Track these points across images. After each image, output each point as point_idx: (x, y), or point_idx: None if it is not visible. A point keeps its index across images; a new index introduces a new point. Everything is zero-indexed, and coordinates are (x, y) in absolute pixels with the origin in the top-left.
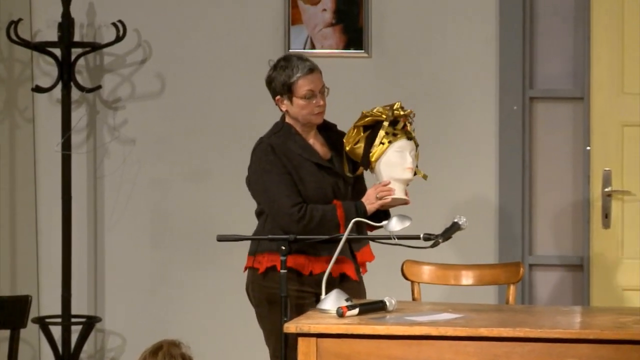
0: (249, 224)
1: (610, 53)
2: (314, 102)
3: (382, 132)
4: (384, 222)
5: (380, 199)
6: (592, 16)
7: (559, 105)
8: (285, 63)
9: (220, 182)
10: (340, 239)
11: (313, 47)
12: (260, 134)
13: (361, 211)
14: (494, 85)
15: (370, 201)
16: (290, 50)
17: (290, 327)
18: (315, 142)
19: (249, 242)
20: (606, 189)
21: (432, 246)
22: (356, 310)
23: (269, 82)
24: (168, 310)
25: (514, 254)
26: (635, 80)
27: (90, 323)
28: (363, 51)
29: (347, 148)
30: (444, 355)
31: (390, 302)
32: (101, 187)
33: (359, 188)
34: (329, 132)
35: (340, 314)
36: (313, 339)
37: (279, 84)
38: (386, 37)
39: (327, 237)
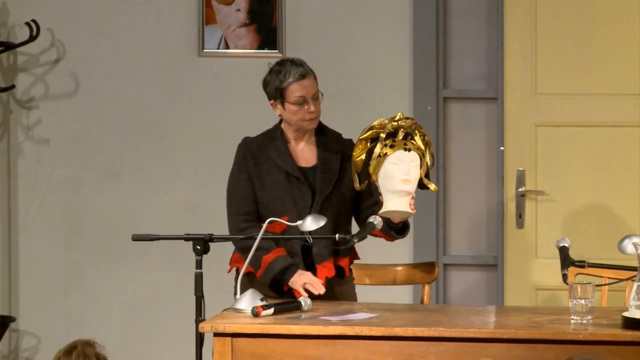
0: (163, 224)
1: (524, 53)
2: (305, 107)
3: (379, 144)
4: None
5: (302, 286)
6: (506, 16)
7: (473, 105)
8: (279, 68)
9: (134, 182)
10: (255, 238)
11: (227, 47)
12: (175, 133)
13: (284, 280)
14: (407, 85)
15: (296, 280)
16: (285, 58)
17: (205, 326)
18: (305, 148)
19: (164, 241)
20: (520, 189)
21: (347, 246)
22: (271, 310)
23: (264, 85)
24: (83, 310)
25: (429, 253)
26: (548, 80)
27: (4, 323)
28: (277, 51)
29: (353, 160)
30: (359, 354)
31: (305, 301)
32: (15, 187)
33: (369, 203)
34: (327, 140)
35: (256, 314)
36: (228, 339)
37: (272, 88)
38: (300, 37)
39: (243, 236)
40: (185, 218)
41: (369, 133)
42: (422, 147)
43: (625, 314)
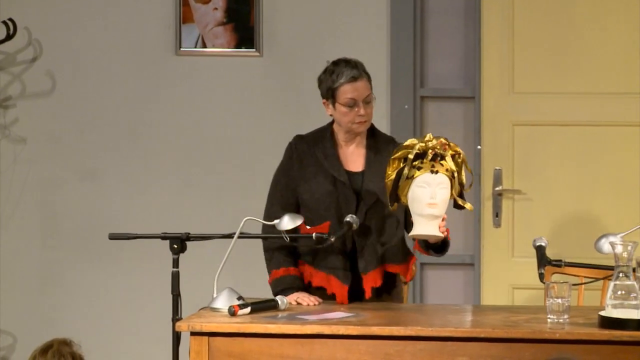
0: (140, 223)
1: (501, 53)
2: (355, 110)
3: (407, 166)
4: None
5: (296, 300)
6: (483, 16)
7: (450, 104)
8: (333, 67)
9: (111, 181)
10: (232, 236)
11: (204, 46)
12: (152, 132)
13: (280, 293)
14: (385, 84)
15: (292, 295)
16: (341, 58)
17: (182, 325)
18: (355, 152)
19: (141, 240)
20: (497, 188)
21: (324, 245)
22: (248, 309)
23: (318, 83)
24: (59, 308)
25: None
26: (525, 79)
27: None
28: (254, 50)
29: (385, 180)
30: (336, 354)
31: (282, 300)
32: None
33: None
34: (378, 145)
35: (232, 313)
36: (205, 338)
37: (325, 87)
38: (277, 36)
39: (219, 236)
40: (162, 217)
41: (400, 153)
42: (453, 167)
43: (602, 313)
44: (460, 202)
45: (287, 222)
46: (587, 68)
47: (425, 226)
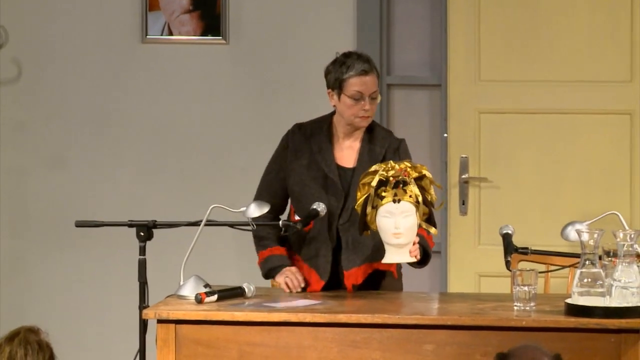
0: (107, 211)
1: (467, 40)
2: (361, 104)
3: (372, 195)
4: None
5: (284, 281)
6: (449, 3)
7: (417, 92)
8: (344, 59)
9: (78, 169)
10: (199, 224)
11: (170, 34)
12: (119, 120)
13: (272, 277)
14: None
15: (278, 280)
16: (353, 51)
17: (149, 313)
18: (351, 147)
19: (108, 228)
20: (463, 176)
21: (291, 232)
22: (215, 297)
23: (326, 73)
24: (26, 296)
25: None
26: (491, 67)
27: None
28: (221, 38)
29: (355, 207)
30: (303, 341)
31: (249, 288)
32: None
33: None
34: (373, 141)
35: (199, 300)
36: (172, 325)
37: (333, 78)
38: (244, 24)
39: (186, 224)
40: (129, 205)
41: (366, 178)
42: (417, 192)
43: (568, 300)
44: (424, 226)
45: (254, 210)
46: (554, 56)
47: (394, 255)
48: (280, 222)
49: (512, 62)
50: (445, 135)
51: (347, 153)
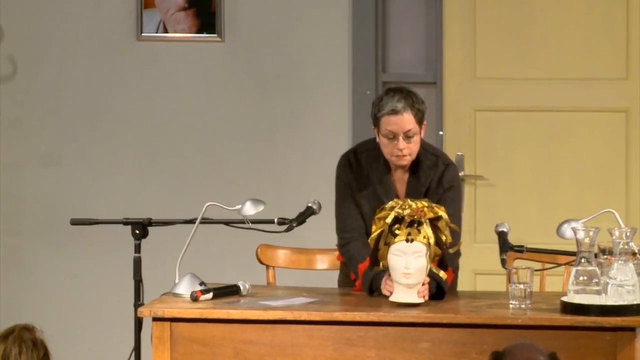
0: (102, 208)
1: (463, 38)
2: (394, 143)
3: (385, 231)
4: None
5: (383, 289)
6: (445, 1)
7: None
8: (382, 95)
9: (74, 166)
10: (194, 222)
11: (166, 31)
12: (114, 118)
13: (374, 289)
14: (347, 70)
15: (382, 286)
16: (394, 88)
17: (144, 311)
18: (401, 178)
19: (103, 226)
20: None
21: (286, 230)
22: (210, 295)
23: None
24: (21, 294)
25: None
26: (487, 65)
27: None
28: (216, 35)
29: (368, 240)
30: (298, 339)
31: (244, 286)
32: None
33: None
34: (419, 172)
35: (194, 298)
36: (167, 323)
37: (372, 114)
38: (239, 21)
39: (181, 221)
40: (124, 203)
41: (382, 214)
42: (430, 234)
43: (564, 298)
44: (434, 269)
45: (249, 208)
46: (550, 54)
47: (402, 294)
48: (276, 219)
49: (508, 60)
50: (441, 132)
51: (399, 185)
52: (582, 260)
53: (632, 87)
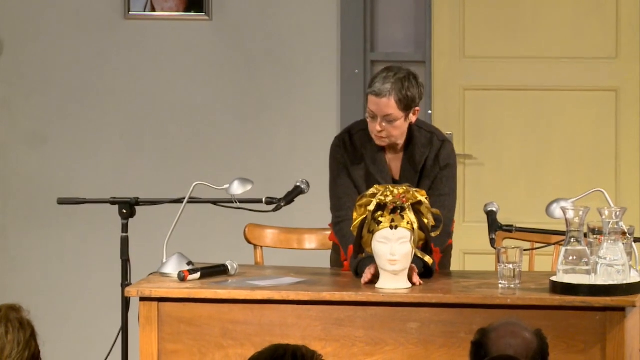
0: (89, 187)
1: (452, 16)
2: (374, 123)
3: (369, 219)
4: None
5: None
6: None
7: None
8: (379, 72)
9: (60, 145)
10: (182, 201)
11: (153, 10)
12: (101, 97)
13: (359, 272)
14: (335, 49)
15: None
16: (391, 67)
17: (131, 291)
18: (398, 156)
19: (90, 205)
20: None
21: (274, 210)
22: (198, 275)
23: None
24: (8, 274)
25: None
26: (476, 44)
27: None
28: (204, 14)
29: (350, 229)
30: (287, 319)
31: (232, 265)
32: None
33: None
34: (414, 149)
35: (182, 278)
36: (154, 303)
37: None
38: (227, 0)
39: (169, 201)
40: (111, 182)
41: (363, 200)
42: (413, 219)
43: (553, 278)
44: (419, 254)
45: (237, 187)
46: (539, 32)
47: (390, 281)
48: (264, 199)
49: (497, 39)
50: (430, 112)
51: (393, 164)
52: (572, 239)
53: (622, 66)
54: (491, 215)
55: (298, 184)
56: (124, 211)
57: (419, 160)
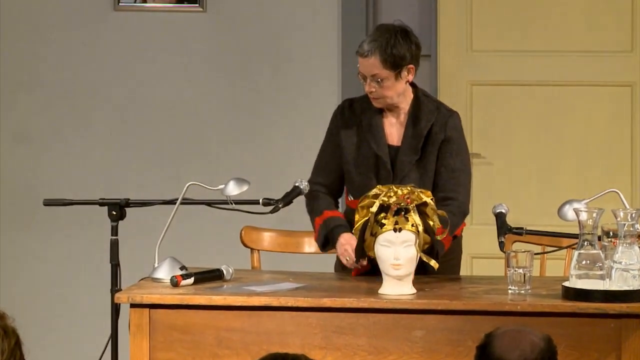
0: (77, 188)
1: (459, 8)
2: (366, 84)
3: (371, 221)
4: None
5: (341, 255)
6: None
7: None
8: (371, 32)
9: (47, 144)
10: (175, 202)
11: (144, 1)
12: (90, 92)
13: (328, 242)
14: (336, 42)
15: (338, 248)
16: (380, 25)
17: (122, 297)
18: (396, 123)
19: (78, 207)
20: None
21: (272, 211)
22: (191, 280)
23: None
24: None
25: None
26: (484, 37)
27: None
28: (197, 5)
29: (352, 231)
30: (285, 327)
31: (227, 270)
32: None
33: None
34: (419, 115)
35: (175, 283)
36: (146, 310)
37: None
38: None
39: (161, 202)
40: (100, 182)
41: (366, 202)
42: (418, 221)
43: (566, 283)
44: (425, 258)
45: (233, 188)
46: (551, 24)
47: (393, 287)
48: (261, 200)
49: (507, 31)
50: None
51: (395, 129)
52: (585, 243)
53: (638, 60)
54: (500, 217)
55: (297, 184)
56: (114, 213)
57: (425, 125)
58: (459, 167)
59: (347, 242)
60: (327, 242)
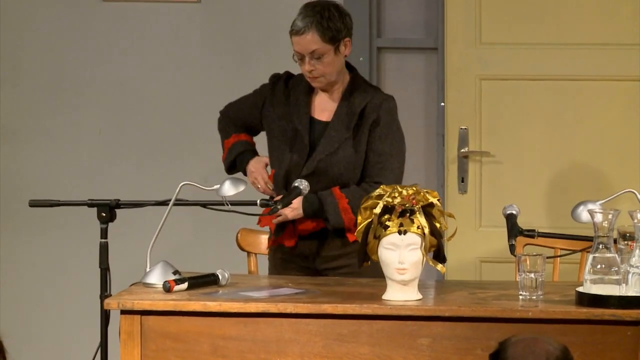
0: (65, 188)
1: None
2: (304, 65)
3: (374, 223)
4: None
5: (251, 177)
6: None
7: (410, 56)
8: (299, 11)
9: (33, 142)
10: (167, 203)
11: None
12: (77, 87)
13: (236, 165)
14: None
15: (249, 172)
16: (312, 2)
17: (112, 303)
18: (329, 100)
19: (66, 208)
20: (462, 150)
21: (270, 213)
22: (185, 285)
23: None
24: None
25: None
26: (493, 29)
27: None
28: None
29: (354, 233)
30: (284, 334)
31: (223, 275)
32: None
33: (371, 173)
34: (354, 95)
35: (168, 289)
36: (137, 317)
37: None
38: None
39: (153, 203)
40: (89, 182)
41: (369, 202)
42: (424, 223)
43: (580, 289)
44: (431, 263)
45: (229, 188)
46: (562, 17)
47: (398, 293)
48: (258, 201)
49: (517, 23)
50: (443, 104)
51: (325, 106)
52: (600, 246)
53: None
54: (511, 219)
55: (296, 185)
56: (103, 214)
57: (359, 103)
58: (387, 151)
59: (256, 170)
60: (233, 166)
